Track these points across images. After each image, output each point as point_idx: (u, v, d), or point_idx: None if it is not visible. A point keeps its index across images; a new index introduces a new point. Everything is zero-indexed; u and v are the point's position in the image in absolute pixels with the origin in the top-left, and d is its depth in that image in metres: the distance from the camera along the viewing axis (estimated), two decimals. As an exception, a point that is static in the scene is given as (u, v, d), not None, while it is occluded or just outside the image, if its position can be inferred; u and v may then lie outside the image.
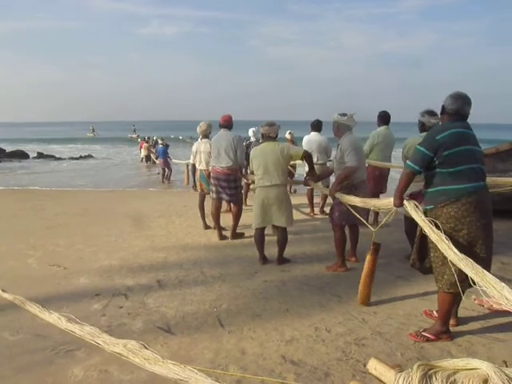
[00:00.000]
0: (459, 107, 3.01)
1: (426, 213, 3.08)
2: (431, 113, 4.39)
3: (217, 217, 6.31)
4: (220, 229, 6.29)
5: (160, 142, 16.50)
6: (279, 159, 4.76)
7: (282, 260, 5.04)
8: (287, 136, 10.35)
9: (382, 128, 6.51)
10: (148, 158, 21.03)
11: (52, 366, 2.91)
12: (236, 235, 6.26)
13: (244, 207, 9.49)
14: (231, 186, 6.03)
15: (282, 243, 5.01)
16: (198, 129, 6.78)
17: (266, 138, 4.95)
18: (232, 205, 6.31)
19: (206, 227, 6.91)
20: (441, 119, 3.18)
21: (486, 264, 2.82)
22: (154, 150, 20.72)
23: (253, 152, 5.01)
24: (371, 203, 3.98)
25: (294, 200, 9.09)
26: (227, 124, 6.09)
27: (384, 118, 6.54)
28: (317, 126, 7.55)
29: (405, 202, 3.27)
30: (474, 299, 3.67)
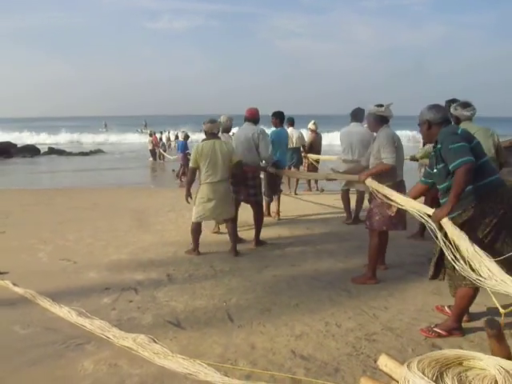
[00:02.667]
0: (444, 114, 3.11)
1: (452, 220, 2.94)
2: (465, 104, 4.07)
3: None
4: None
5: (180, 135, 15.06)
6: (226, 156, 5.05)
7: (236, 251, 5.22)
8: (311, 126, 9.90)
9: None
10: (153, 152, 20.11)
11: (62, 360, 2.92)
12: (260, 242, 5.61)
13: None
14: (249, 184, 5.47)
15: (235, 234, 5.30)
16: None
17: (209, 134, 5.18)
18: (253, 207, 5.65)
19: (216, 230, 6.33)
20: (429, 134, 3.15)
21: None
22: (162, 144, 20.47)
23: (200, 148, 5.07)
24: (410, 205, 3.42)
25: (319, 199, 9.13)
26: (252, 117, 5.58)
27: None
28: (358, 115, 6.39)
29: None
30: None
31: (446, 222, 2.91)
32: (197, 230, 5.26)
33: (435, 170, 3.12)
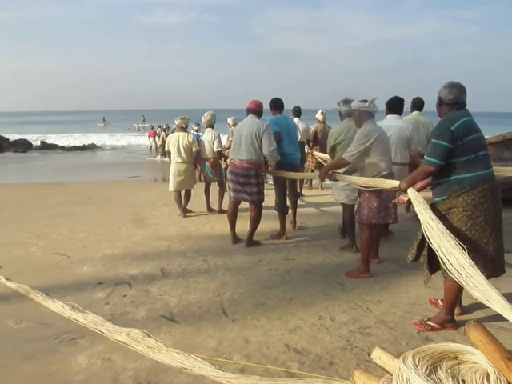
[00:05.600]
0: (456, 96, 3.02)
1: (434, 204, 3.05)
2: (345, 101, 4.86)
3: (233, 219, 5.47)
4: (234, 232, 5.52)
5: (195, 128, 13.94)
6: (187, 146, 6.93)
7: (187, 210, 7.29)
8: (318, 116, 9.07)
9: (414, 114, 5.80)
10: (163, 148, 19.59)
11: (56, 354, 2.91)
12: (252, 243, 5.38)
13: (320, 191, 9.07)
14: (252, 182, 5.14)
15: (188, 199, 7.32)
16: (203, 119, 7.26)
17: (180, 128, 7.09)
18: (251, 206, 5.32)
19: (210, 210, 7.47)
20: (440, 111, 3.13)
21: (500, 248, 2.97)
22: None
23: (169, 137, 7.17)
24: (375, 183, 3.84)
25: (317, 197, 9.13)
26: (257, 109, 5.19)
27: (416, 104, 5.88)
28: (395, 105, 5.13)
29: (410, 189, 3.24)
30: None
31: (411, 192, 3.19)
32: (176, 197, 7.15)
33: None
